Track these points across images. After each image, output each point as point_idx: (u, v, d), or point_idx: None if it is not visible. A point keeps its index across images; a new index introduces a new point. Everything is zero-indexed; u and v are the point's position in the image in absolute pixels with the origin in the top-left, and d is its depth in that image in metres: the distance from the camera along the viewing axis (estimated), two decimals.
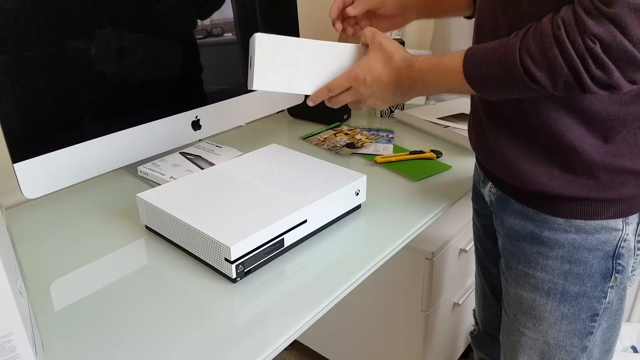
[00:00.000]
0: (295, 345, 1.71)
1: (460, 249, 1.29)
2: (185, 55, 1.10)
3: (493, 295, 1.05)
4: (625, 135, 0.69)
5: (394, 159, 1.16)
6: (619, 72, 0.58)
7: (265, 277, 0.77)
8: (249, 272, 0.77)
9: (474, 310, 1.18)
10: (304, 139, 1.31)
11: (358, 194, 0.93)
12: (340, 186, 0.89)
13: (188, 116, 1.13)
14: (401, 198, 1.00)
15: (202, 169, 1.07)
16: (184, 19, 1.08)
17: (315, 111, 1.40)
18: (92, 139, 0.97)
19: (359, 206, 0.95)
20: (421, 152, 1.18)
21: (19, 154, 0.88)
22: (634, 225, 0.74)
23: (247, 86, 0.85)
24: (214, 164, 1.08)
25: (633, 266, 0.77)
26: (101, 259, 0.83)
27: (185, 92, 1.11)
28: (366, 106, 0.84)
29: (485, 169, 0.87)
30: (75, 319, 0.70)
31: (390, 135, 1.31)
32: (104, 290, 0.75)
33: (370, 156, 1.20)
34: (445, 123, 1.31)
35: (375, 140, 1.28)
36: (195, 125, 1.15)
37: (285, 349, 1.70)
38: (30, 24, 0.85)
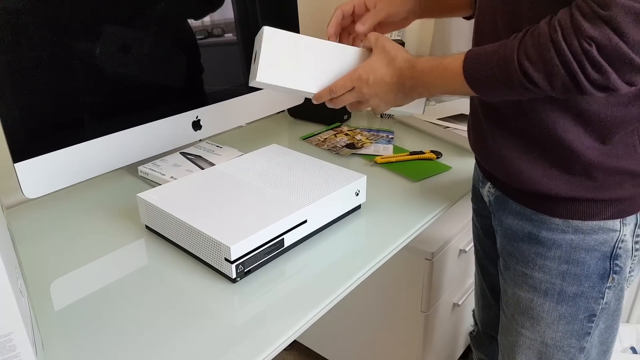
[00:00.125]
0: (294, 345, 1.71)
1: (460, 250, 1.29)
2: (186, 56, 1.10)
3: (492, 296, 1.05)
4: (622, 137, 0.69)
5: (394, 160, 1.16)
6: (615, 74, 0.58)
7: (265, 277, 0.77)
8: (249, 272, 0.78)
9: (473, 311, 1.18)
10: (304, 139, 1.31)
11: (358, 195, 0.93)
12: (340, 186, 0.89)
13: (188, 116, 1.13)
14: (401, 198, 1.00)
15: (203, 169, 1.07)
16: (184, 19, 1.09)
17: (315, 112, 1.41)
18: (93, 138, 0.97)
19: (359, 206, 0.96)
20: (421, 153, 1.18)
21: (19, 153, 0.88)
22: (632, 226, 0.74)
23: (249, 81, 0.84)
24: (215, 164, 1.08)
25: (631, 267, 0.78)
26: (101, 258, 0.83)
27: (185, 92, 1.12)
28: (367, 108, 0.84)
29: (484, 169, 0.88)
30: (75, 318, 0.70)
31: (390, 136, 1.31)
32: (104, 290, 0.76)
33: (370, 157, 1.20)
34: (445, 124, 1.32)
35: (375, 140, 1.28)
36: (196, 125, 1.15)
37: (284, 349, 1.71)
38: (32, 25, 0.86)
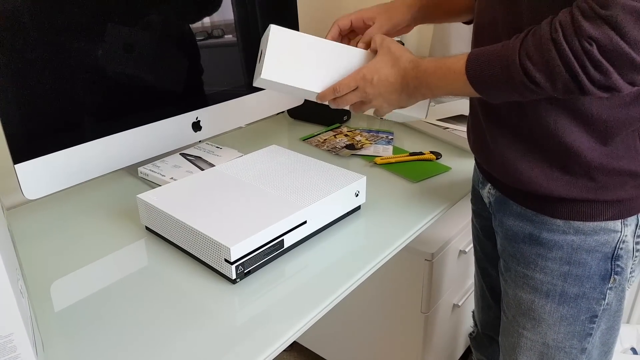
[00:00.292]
0: (294, 346, 1.71)
1: (460, 250, 1.29)
2: (186, 57, 1.10)
3: (492, 297, 1.05)
4: (623, 137, 0.69)
5: (393, 160, 1.16)
6: (617, 74, 0.58)
7: (265, 278, 0.77)
8: (249, 273, 0.77)
9: (473, 312, 1.18)
10: (304, 140, 1.31)
11: (358, 195, 0.93)
12: (340, 187, 0.89)
13: (188, 117, 1.13)
14: (401, 199, 1.00)
15: (203, 170, 1.07)
16: (184, 20, 1.09)
17: (315, 113, 1.41)
18: (93, 140, 0.97)
19: (358, 207, 0.96)
20: (421, 154, 1.18)
21: (20, 155, 0.88)
22: (633, 227, 0.74)
23: (253, 81, 0.84)
24: (214, 165, 1.08)
25: (632, 268, 0.77)
26: (101, 259, 0.83)
27: (185, 94, 1.12)
28: (370, 108, 0.84)
29: (484, 170, 0.88)
30: (75, 319, 0.70)
31: (390, 137, 1.31)
32: (104, 291, 0.76)
33: (370, 157, 1.20)
34: (445, 124, 1.32)
35: (375, 141, 1.28)
36: (196, 126, 1.15)
37: (284, 350, 1.70)
38: (32, 26, 0.85)
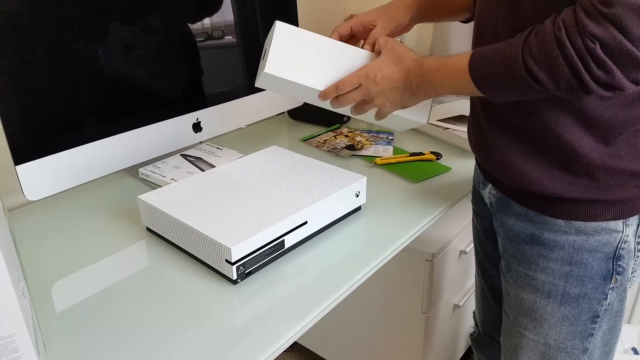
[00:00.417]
0: (295, 346, 1.71)
1: (461, 251, 1.29)
2: (186, 58, 1.10)
3: (493, 297, 1.05)
4: (625, 137, 0.69)
5: (393, 161, 1.16)
6: (620, 72, 0.58)
7: (265, 279, 0.77)
8: (250, 274, 0.77)
9: (474, 312, 1.18)
10: (304, 141, 1.31)
11: (358, 196, 0.93)
12: (341, 188, 0.89)
13: (189, 118, 1.13)
14: (401, 200, 1.00)
15: (203, 170, 1.07)
16: (185, 21, 1.09)
17: (315, 113, 1.40)
18: (94, 141, 0.97)
19: (359, 208, 0.96)
20: (421, 154, 1.18)
21: (21, 156, 0.88)
22: (634, 227, 0.74)
23: (256, 80, 0.84)
24: (215, 166, 1.08)
25: (633, 268, 0.77)
26: (102, 260, 0.83)
27: (186, 95, 1.12)
28: (372, 108, 0.84)
29: (485, 170, 0.87)
30: (76, 319, 0.70)
31: (390, 137, 1.31)
32: (105, 292, 0.76)
33: (370, 158, 1.20)
34: (445, 125, 1.32)
35: (375, 142, 1.28)
36: (196, 127, 1.15)
37: (285, 351, 1.70)
38: (33, 27, 0.85)
